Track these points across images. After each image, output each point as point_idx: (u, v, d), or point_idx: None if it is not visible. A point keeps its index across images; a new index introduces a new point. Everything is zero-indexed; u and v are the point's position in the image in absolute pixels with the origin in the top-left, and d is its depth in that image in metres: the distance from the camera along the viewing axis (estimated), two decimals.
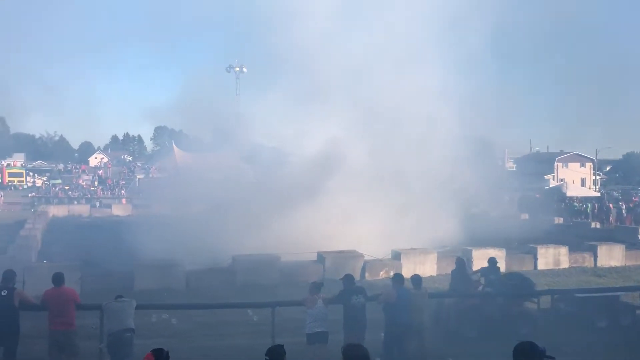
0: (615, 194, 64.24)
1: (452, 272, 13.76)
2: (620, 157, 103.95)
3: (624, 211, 35.82)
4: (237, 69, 54.82)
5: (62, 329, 9.41)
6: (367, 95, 26.75)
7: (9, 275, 9.64)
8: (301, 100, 26.86)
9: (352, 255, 19.45)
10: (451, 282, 13.50)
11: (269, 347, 5.97)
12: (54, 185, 54.33)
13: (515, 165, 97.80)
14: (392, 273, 17.96)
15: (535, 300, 13.10)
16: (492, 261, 14.13)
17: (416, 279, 11.08)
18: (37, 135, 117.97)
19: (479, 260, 20.19)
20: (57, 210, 41.45)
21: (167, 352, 5.61)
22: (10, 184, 60.56)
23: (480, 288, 13.46)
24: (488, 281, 13.41)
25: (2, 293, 9.30)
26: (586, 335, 12.28)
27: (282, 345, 6.04)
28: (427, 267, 19.58)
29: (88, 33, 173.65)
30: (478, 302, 12.90)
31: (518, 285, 13.67)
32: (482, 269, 14.13)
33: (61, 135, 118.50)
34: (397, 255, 19.91)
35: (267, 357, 5.76)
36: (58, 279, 9.70)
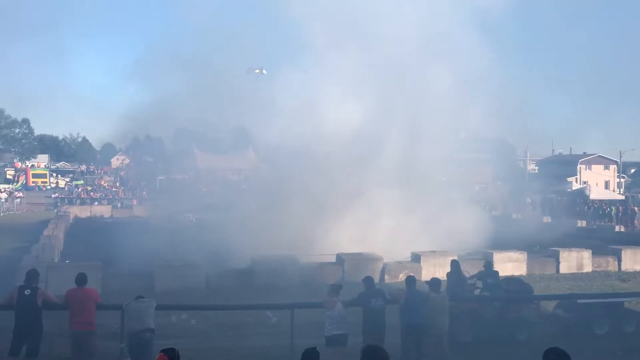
0: None
1: (448, 274, 13.54)
2: None
3: None
4: (257, 71, 55.01)
5: (82, 329, 9.51)
6: (393, 93, 26.55)
7: (33, 274, 9.78)
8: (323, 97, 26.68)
9: (372, 257, 19.37)
10: (447, 285, 13.07)
11: (304, 349, 5.94)
12: (77, 186, 55.13)
13: (537, 168, 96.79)
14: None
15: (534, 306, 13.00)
16: (489, 265, 13.89)
17: (435, 282, 11.00)
18: (61, 137, 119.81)
19: (500, 263, 20.03)
20: (79, 211, 42.00)
21: (178, 352, 5.66)
22: (34, 184, 61.60)
23: (477, 292, 13.26)
24: (485, 285, 13.20)
25: (26, 292, 9.44)
26: (583, 343, 11.64)
27: (316, 348, 6.02)
28: (446, 270, 19.30)
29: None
30: (474, 306, 12.70)
31: (516, 291, 13.45)
32: (480, 273, 13.84)
33: (84, 137, 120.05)
34: (416, 258, 19.79)
35: None
36: (80, 279, 9.82)
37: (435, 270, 18.73)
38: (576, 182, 72.88)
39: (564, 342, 11.01)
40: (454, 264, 13.71)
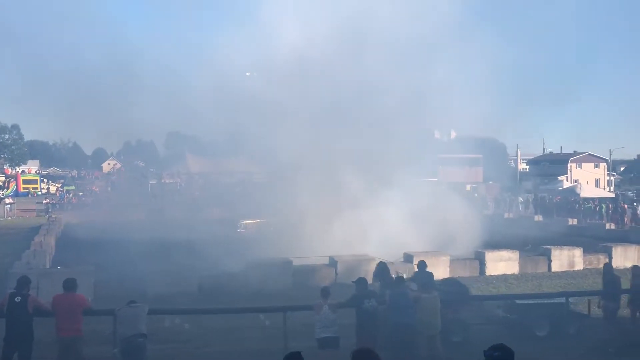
0: (630, 194, 63.56)
1: (374, 277, 13.21)
2: (635, 157, 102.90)
3: (639, 212, 35.41)
4: (248, 74, 54.93)
5: (68, 335, 9.44)
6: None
7: (24, 281, 9.71)
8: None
9: (364, 258, 19.40)
10: (379, 287, 12.72)
11: (286, 353, 5.96)
12: (68, 191, 54.81)
13: (528, 167, 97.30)
14: (404, 276, 18.00)
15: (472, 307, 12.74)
16: (422, 265, 13.32)
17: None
18: (51, 142, 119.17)
19: (493, 262, 20.14)
20: (70, 217, 41.78)
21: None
22: (25, 190, 61.19)
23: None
24: (420, 286, 12.44)
25: (17, 299, 9.37)
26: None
27: (300, 352, 6.03)
28: (439, 270, 19.45)
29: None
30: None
31: (453, 292, 13.05)
32: (415, 274, 13.38)
33: (74, 142, 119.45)
34: (409, 259, 19.83)
35: None
36: (68, 284, 9.74)
37: (428, 270, 18.79)
38: (567, 180, 73.35)
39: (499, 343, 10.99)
40: (380, 267, 13.23)
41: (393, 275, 13.26)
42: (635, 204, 40.18)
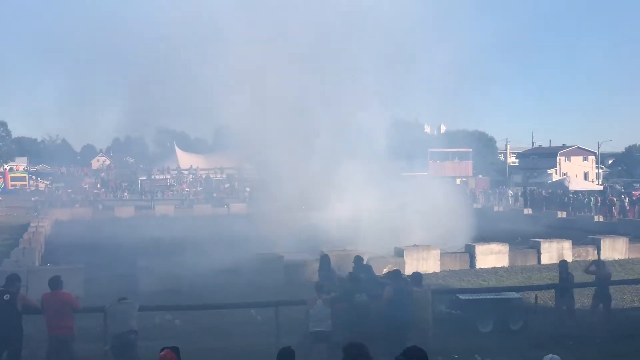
0: (618, 186, 64.09)
1: (319, 271, 12.88)
2: (623, 150, 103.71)
3: (627, 204, 35.71)
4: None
5: (58, 334, 9.39)
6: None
7: (13, 279, 9.63)
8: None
9: (355, 252, 19.38)
10: (318, 281, 12.21)
11: (280, 349, 6.00)
12: (57, 188, 54.39)
13: (517, 160, 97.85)
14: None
15: None
16: (359, 259, 13.02)
17: (417, 276, 11.07)
18: (40, 139, 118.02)
19: (483, 255, 20.25)
20: (60, 214, 41.52)
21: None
22: (13, 188, 60.66)
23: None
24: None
25: (5, 297, 9.29)
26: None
27: (290, 347, 6.09)
28: (430, 264, 19.59)
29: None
30: (344, 306, 11.43)
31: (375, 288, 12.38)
32: (353, 270, 12.88)
33: (63, 139, 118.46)
34: (399, 252, 19.90)
35: None
36: (53, 282, 9.67)
37: (419, 264, 18.93)
38: (556, 173, 73.85)
39: (440, 340, 10.56)
40: (324, 259, 12.94)
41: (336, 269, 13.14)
42: (623, 196, 40.50)
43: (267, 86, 28.39)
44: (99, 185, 55.77)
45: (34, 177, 65.85)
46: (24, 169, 74.16)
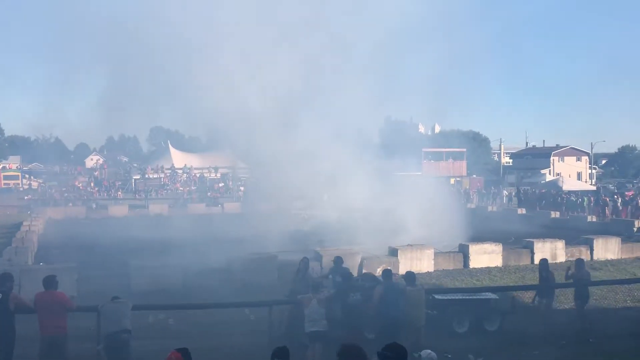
0: (611, 187, 64.41)
1: (296, 272, 12.72)
2: (616, 150, 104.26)
3: (619, 204, 35.89)
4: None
5: (51, 334, 9.34)
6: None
7: (5, 278, 9.58)
8: None
9: (349, 252, 19.44)
10: (293, 284, 12.38)
11: (274, 348, 5.99)
12: (50, 187, 54.13)
13: (511, 160, 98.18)
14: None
15: None
16: (338, 261, 12.92)
17: (410, 275, 11.10)
18: (33, 138, 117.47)
19: (476, 255, 20.30)
20: (53, 212, 41.36)
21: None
22: (6, 186, 60.30)
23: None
24: (334, 283, 12.29)
25: None
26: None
27: (286, 347, 6.07)
28: (424, 263, 19.63)
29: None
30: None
31: (369, 287, 12.08)
32: (330, 270, 13.00)
33: (57, 137, 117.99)
34: (393, 252, 19.93)
35: (274, 359, 5.78)
36: (47, 282, 9.61)
37: (413, 263, 18.96)
38: (549, 174, 74.13)
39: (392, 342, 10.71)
40: (303, 262, 12.74)
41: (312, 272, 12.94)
42: (616, 196, 40.69)
43: (260, 85, 28.40)
44: (92, 184, 55.52)
45: (27, 176, 65.52)
46: (16, 167, 73.72)
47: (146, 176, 57.91)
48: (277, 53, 28.25)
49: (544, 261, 13.78)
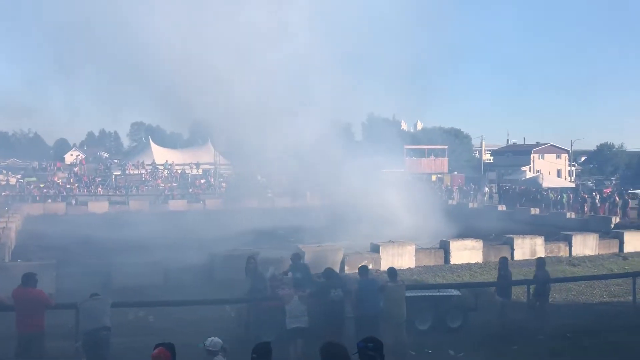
0: (590, 184, 65.29)
1: (246, 270, 12.37)
2: (594, 148, 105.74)
3: (597, 201, 36.39)
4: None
5: (28, 332, 9.21)
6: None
7: None
8: None
9: (332, 248, 19.51)
10: (250, 283, 12.04)
11: (256, 344, 5.97)
12: (29, 183, 53.38)
13: (492, 157, 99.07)
14: (370, 266, 18.16)
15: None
16: (296, 257, 12.77)
17: (391, 271, 11.14)
18: (10, 133, 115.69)
19: (457, 251, 20.46)
20: (31, 209, 40.80)
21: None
22: None
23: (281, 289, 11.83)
24: (295, 280, 12.19)
25: None
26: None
27: (269, 343, 6.05)
28: (405, 260, 19.72)
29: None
30: (276, 304, 11.35)
31: (329, 284, 11.77)
32: (290, 267, 12.83)
33: (35, 133, 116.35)
34: (375, 248, 20.00)
35: (255, 355, 5.74)
36: (26, 279, 9.47)
37: (394, 259, 19.04)
38: (530, 171, 74.90)
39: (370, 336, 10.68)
40: (250, 262, 12.40)
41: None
42: (594, 193, 41.25)
43: (242, 81, 28.30)
44: (72, 180, 54.82)
45: (4, 172, 64.52)
46: None
47: (127, 172, 57.36)
48: (260, 50, 28.17)
49: (503, 260, 13.63)
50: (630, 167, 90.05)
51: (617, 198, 35.40)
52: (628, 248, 22.94)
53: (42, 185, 51.67)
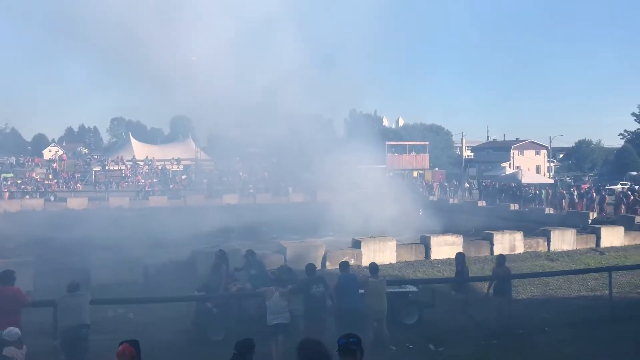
0: (568, 180, 66.19)
1: (212, 267, 12.39)
2: (573, 144, 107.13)
3: (575, 197, 36.89)
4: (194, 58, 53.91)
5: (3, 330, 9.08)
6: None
7: None
8: None
9: (313, 244, 19.52)
10: (210, 278, 12.14)
11: (238, 340, 5.94)
12: (6, 179, 52.58)
13: (472, 154, 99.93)
14: (352, 261, 18.23)
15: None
16: (250, 253, 12.49)
17: (373, 267, 11.19)
18: None
19: (437, 247, 20.61)
20: (8, 205, 40.19)
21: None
22: None
23: (232, 285, 12.04)
24: (249, 277, 12.10)
25: None
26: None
27: (252, 339, 6.02)
28: (386, 255, 19.81)
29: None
30: (227, 301, 11.62)
31: (284, 280, 11.59)
32: (244, 264, 12.67)
33: (12, 128, 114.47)
34: (357, 244, 20.06)
35: (235, 352, 5.72)
36: (4, 277, 9.33)
37: (376, 255, 19.11)
38: (509, 167, 75.70)
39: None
40: (219, 255, 12.35)
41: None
42: (572, 189, 41.81)
43: (226, 76, 28.16)
44: (50, 176, 54.10)
45: None
46: None
47: (106, 168, 56.78)
48: (243, 45, 28.05)
49: (460, 255, 13.42)
50: (607, 163, 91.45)
51: (594, 194, 35.91)
52: (604, 243, 23.30)
53: (19, 182, 50.91)
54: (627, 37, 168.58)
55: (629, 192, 35.19)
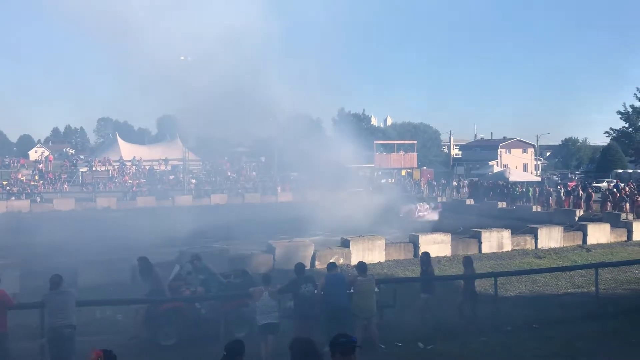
0: (555, 178, 66.68)
1: (140, 272, 12.05)
2: (559, 142, 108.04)
3: (562, 195, 37.17)
4: (182, 58, 53.61)
5: None
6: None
7: None
8: None
9: (302, 244, 19.50)
10: (148, 284, 11.80)
11: (228, 342, 5.92)
12: None
13: (460, 152, 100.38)
14: (341, 260, 18.24)
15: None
16: (196, 257, 12.18)
17: (361, 265, 11.19)
18: None
19: (426, 245, 20.67)
20: None
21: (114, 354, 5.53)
22: None
23: (185, 289, 11.89)
24: (201, 282, 11.89)
25: None
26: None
27: (241, 341, 6.01)
28: (375, 254, 19.85)
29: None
30: (179, 305, 11.51)
31: (239, 284, 11.90)
32: (192, 270, 12.25)
33: None
34: (346, 243, 20.07)
35: (225, 354, 5.69)
36: None
37: (365, 254, 19.14)
38: (497, 165, 76.12)
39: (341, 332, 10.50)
40: (141, 261, 12.00)
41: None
42: (559, 187, 42.11)
43: (212, 75, 28.06)
44: (36, 177, 53.56)
45: None
46: None
47: (93, 169, 56.30)
48: (227, 43, 27.96)
49: (424, 255, 13.24)
50: (593, 161, 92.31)
51: (581, 191, 36.20)
52: (591, 240, 23.52)
53: (4, 183, 50.37)
54: (612, 36, 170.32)
55: (615, 190, 35.51)
